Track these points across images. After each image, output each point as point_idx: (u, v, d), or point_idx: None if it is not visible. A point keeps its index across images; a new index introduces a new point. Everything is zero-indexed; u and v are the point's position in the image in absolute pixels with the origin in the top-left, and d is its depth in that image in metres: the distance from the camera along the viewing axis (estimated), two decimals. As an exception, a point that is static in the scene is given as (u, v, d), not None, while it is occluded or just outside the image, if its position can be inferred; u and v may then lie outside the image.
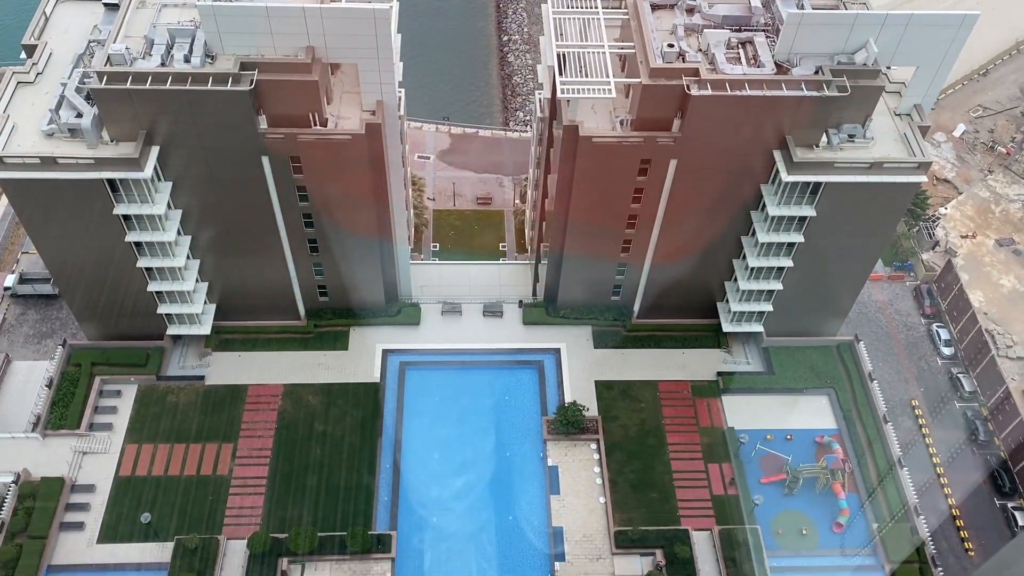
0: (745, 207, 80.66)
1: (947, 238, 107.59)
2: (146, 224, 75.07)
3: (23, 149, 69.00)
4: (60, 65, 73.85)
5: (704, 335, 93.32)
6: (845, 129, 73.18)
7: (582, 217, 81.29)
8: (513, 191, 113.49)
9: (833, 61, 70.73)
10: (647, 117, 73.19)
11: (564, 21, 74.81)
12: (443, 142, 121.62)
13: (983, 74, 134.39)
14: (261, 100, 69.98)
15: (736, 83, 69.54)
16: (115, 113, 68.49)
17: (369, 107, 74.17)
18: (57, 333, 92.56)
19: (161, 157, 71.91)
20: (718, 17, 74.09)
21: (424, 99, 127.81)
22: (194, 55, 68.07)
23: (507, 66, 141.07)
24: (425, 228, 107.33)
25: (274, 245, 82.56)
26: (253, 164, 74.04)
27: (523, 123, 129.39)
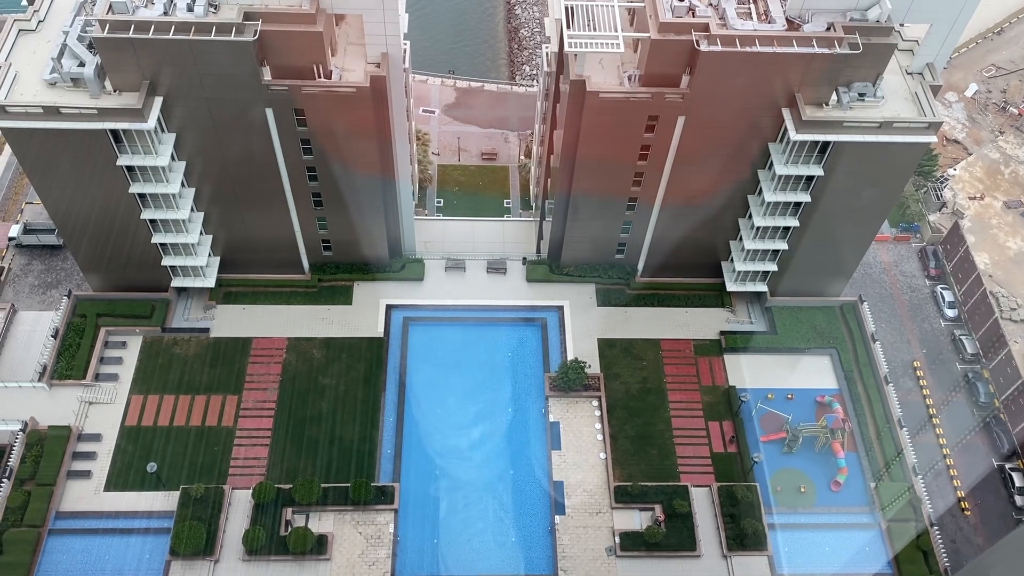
0: (752, 166, 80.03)
1: (955, 200, 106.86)
2: (150, 176, 74.78)
3: (25, 98, 68.47)
4: (62, 13, 72.95)
5: (708, 294, 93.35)
6: (856, 88, 72.22)
7: (588, 174, 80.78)
8: (518, 147, 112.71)
9: (845, 17, 69.57)
10: (655, 73, 72.27)
11: (573, -27, 73.40)
12: (448, 96, 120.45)
13: (998, 32, 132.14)
14: (265, 51, 69.17)
15: (746, 39, 68.52)
16: (118, 63, 67.80)
17: (374, 59, 73.32)
18: (62, 284, 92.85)
19: (164, 108, 71.35)
20: (730, -29, 72.66)
21: (430, 52, 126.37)
22: (197, 4, 67.11)
23: (514, 19, 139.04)
24: (429, 183, 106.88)
25: (278, 198, 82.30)
26: (257, 116, 73.47)
27: (529, 77, 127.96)
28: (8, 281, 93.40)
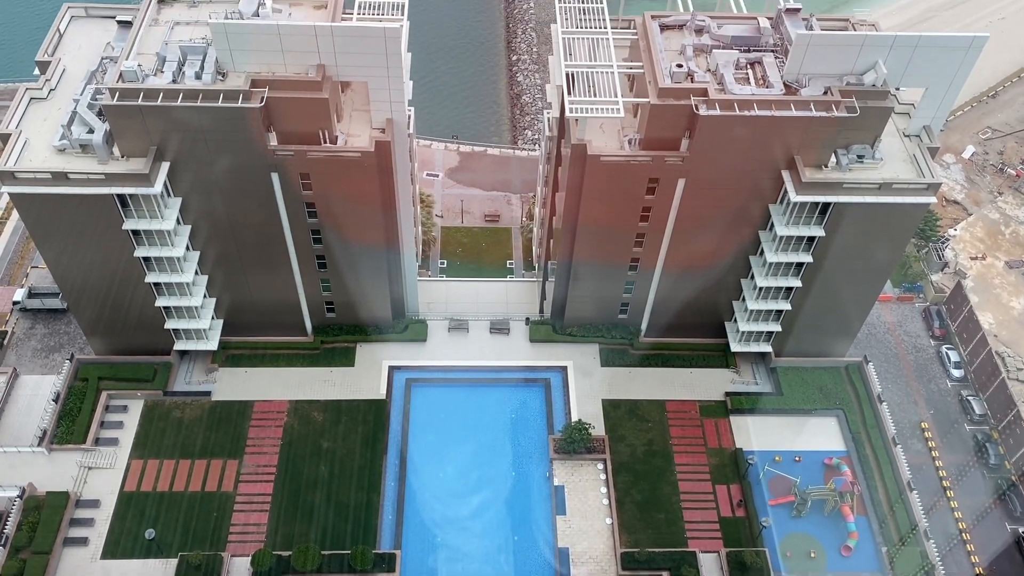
0: (754, 226, 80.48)
1: (957, 260, 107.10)
2: (155, 239, 75.34)
3: (35, 164, 69.44)
4: (73, 81, 74.40)
5: (712, 355, 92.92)
6: (854, 150, 73.09)
7: (590, 235, 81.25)
8: (521, 208, 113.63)
9: (842, 82, 70.77)
10: (655, 136, 73.27)
11: (573, 41, 75.12)
12: (452, 160, 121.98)
13: (992, 96, 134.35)
14: (271, 117, 70.35)
15: (745, 103, 69.61)
16: (126, 129, 68.94)
17: (379, 125, 74.49)
18: (65, 347, 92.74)
19: (171, 173, 72.25)
20: (727, 38, 74.31)
21: (434, 117, 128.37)
22: (205, 72, 68.52)
23: (516, 85, 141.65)
24: (433, 245, 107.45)
25: (282, 261, 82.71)
26: (263, 180, 74.33)
27: (531, 141, 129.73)
28: (11, 345, 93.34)
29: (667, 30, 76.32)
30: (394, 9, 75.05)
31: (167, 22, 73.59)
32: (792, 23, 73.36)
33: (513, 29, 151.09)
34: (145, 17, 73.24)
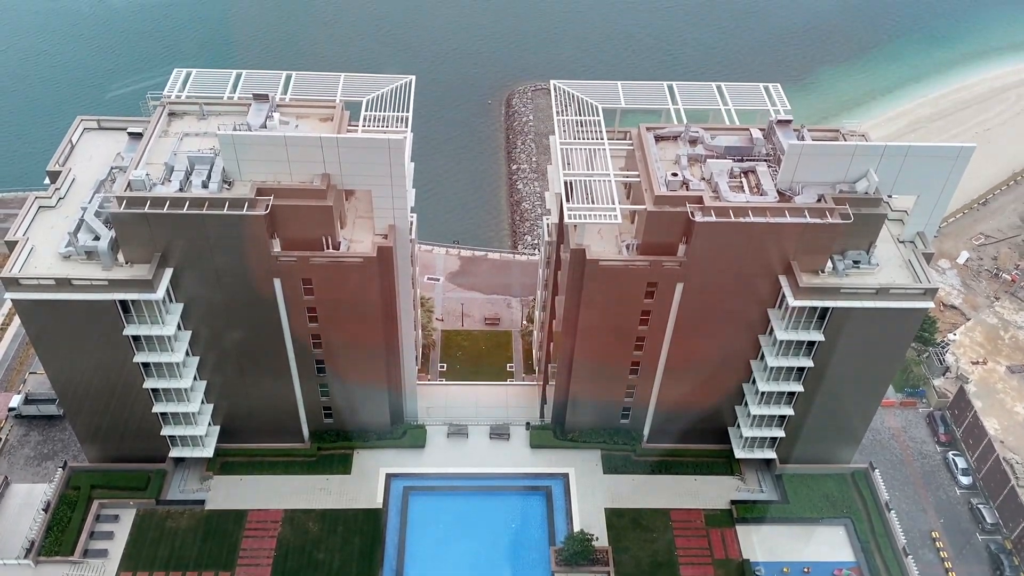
0: (753, 331, 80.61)
1: (958, 364, 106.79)
2: (155, 345, 75.31)
3: (39, 271, 70.14)
4: (82, 190, 75.97)
5: (716, 461, 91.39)
6: (850, 256, 74.02)
7: (590, 339, 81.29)
8: (521, 312, 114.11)
9: (835, 189, 72.34)
10: (653, 242, 74.34)
11: (571, 151, 77.20)
12: (453, 264, 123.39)
13: (983, 203, 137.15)
14: (275, 224, 71.53)
15: (740, 210, 70.92)
16: (132, 236, 69.99)
17: (381, 231, 75.68)
18: (59, 455, 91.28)
19: (174, 279, 72.88)
20: (720, 148, 76.40)
21: (436, 222, 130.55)
22: (212, 181, 70.11)
23: (516, 193, 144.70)
24: (433, 348, 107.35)
25: (282, 366, 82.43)
26: (265, 286, 74.92)
27: (531, 246, 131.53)
28: (4, 453, 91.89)
29: (662, 141, 78.56)
30: (398, 122, 77.45)
31: (177, 133, 75.82)
32: (784, 134, 75.59)
33: (513, 140, 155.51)
34: (155, 129, 75.49)
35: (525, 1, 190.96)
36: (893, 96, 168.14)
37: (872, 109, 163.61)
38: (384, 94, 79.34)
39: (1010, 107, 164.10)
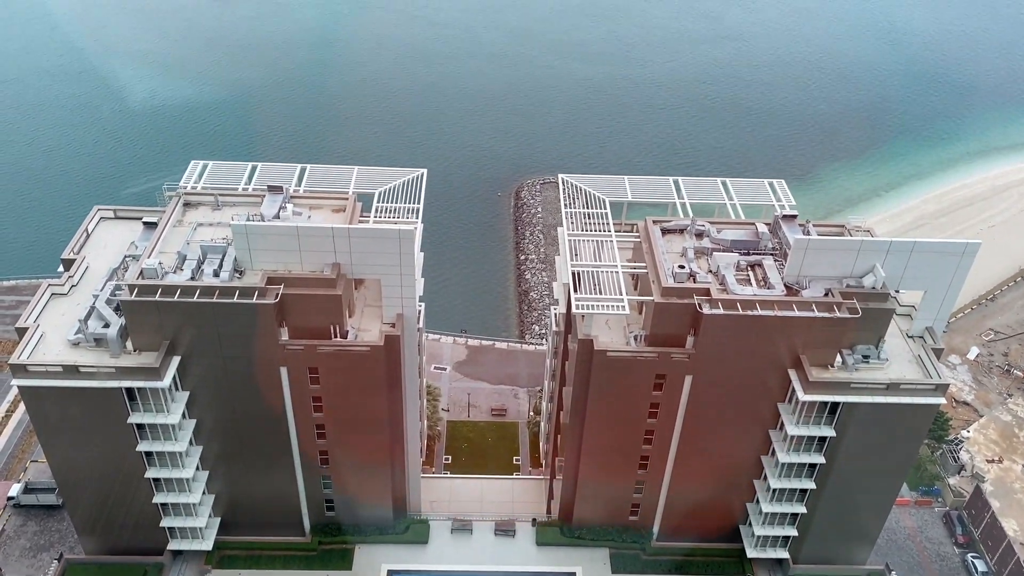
0: (764, 425, 79.57)
1: (973, 462, 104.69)
2: (159, 433, 74.67)
3: (48, 358, 70.27)
4: (95, 278, 76.78)
5: (728, 560, 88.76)
6: (859, 350, 73.67)
7: (598, 431, 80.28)
8: (528, 403, 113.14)
9: (842, 284, 72.60)
10: (661, 333, 74.24)
11: (579, 243, 78.09)
12: (460, 353, 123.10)
13: (991, 299, 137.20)
14: (284, 312, 71.88)
15: (747, 303, 71.07)
16: (141, 323, 70.33)
17: (389, 320, 75.89)
18: (55, 546, 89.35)
19: (181, 367, 72.83)
20: (727, 241, 77.16)
21: (443, 311, 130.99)
22: (224, 270, 70.88)
23: (524, 283, 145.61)
24: (438, 440, 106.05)
25: (285, 457, 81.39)
26: (271, 375, 74.74)
27: (539, 336, 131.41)
28: (0, 543, 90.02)
29: (668, 234, 79.48)
30: (409, 213, 78.75)
31: (191, 223, 77.12)
32: (789, 228, 76.42)
33: (521, 231, 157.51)
34: (170, 219, 76.85)
35: (535, 97, 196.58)
36: (897, 193, 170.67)
37: (876, 205, 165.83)
38: (396, 186, 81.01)
39: (1013, 204, 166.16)
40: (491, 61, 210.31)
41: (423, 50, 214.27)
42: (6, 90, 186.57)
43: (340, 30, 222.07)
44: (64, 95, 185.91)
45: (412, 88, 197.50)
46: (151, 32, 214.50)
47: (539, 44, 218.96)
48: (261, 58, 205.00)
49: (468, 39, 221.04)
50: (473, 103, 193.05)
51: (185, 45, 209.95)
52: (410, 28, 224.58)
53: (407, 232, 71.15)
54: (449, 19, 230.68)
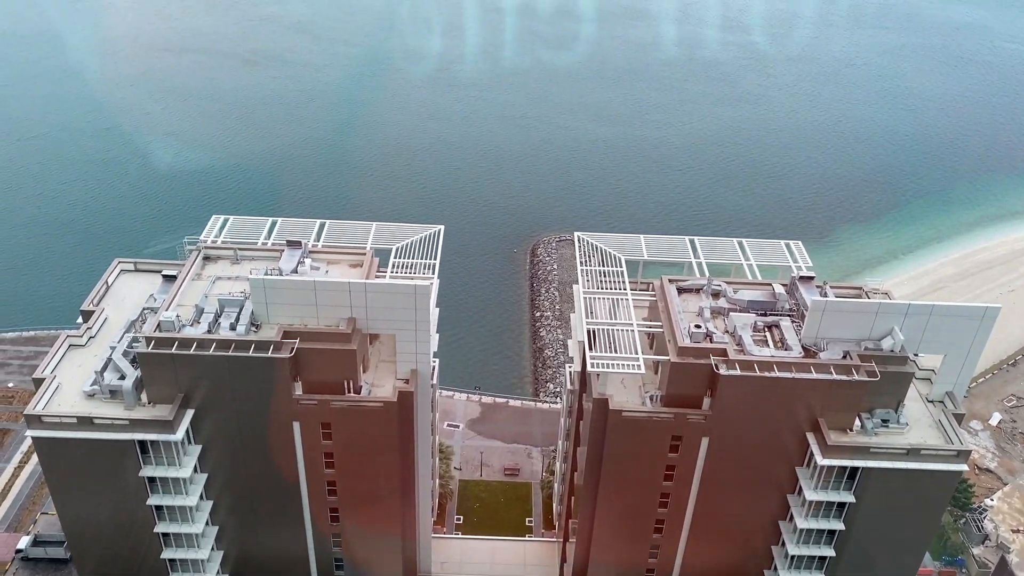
0: (782, 490, 78.03)
1: (997, 532, 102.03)
2: (170, 487, 74.18)
3: (63, 409, 70.39)
4: (113, 330, 77.28)
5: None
6: (878, 414, 72.58)
7: (613, 493, 78.98)
8: (542, 463, 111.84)
9: (860, 346, 71.92)
10: (677, 394, 73.51)
11: (594, 300, 78.03)
12: (473, 411, 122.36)
13: (1012, 364, 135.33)
14: (299, 367, 71.89)
15: (765, 364, 70.42)
16: (157, 376, 70.50)
17: (403, 375, 75.71)
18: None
19: (194, 420, 72.70)
20: (743, 302, 76.88)
21: (457, 368, 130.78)
22: (240, 323, 71.22)
23: (539, 339, 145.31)
24: (450, 499, 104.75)
25: (295, 513, 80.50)
26: (284, 429, 74.43)
27: (553, 395, 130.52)
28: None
29: (684, 293, 79.32)
30: (426, 269, 79.20)
31: (210, 277, 77.84)
32: (807, 290, 76.12)
33: (537, 288, 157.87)
34: (189, 272, 77.63)
35: (552, 156, 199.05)
36: (915, 256, 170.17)
37: (894, 268, 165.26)
38: (413, 242, 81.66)
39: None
40: (509, 121, 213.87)
41: (443, 110, 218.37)
42: (35, 145, 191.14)
43: (362, 91, 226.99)
44: (90, 151, 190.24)
45: (431, 146, 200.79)
46: (176, 91, 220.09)
47: (556, 106, 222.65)
48: (285, 117, 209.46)
49: (487, 100, 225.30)
50: (491, 161, 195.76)
51: (210, 104, 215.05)
52: (431, 89, 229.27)
53: (423, 288, 71.44)
54: (469, 80, 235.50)
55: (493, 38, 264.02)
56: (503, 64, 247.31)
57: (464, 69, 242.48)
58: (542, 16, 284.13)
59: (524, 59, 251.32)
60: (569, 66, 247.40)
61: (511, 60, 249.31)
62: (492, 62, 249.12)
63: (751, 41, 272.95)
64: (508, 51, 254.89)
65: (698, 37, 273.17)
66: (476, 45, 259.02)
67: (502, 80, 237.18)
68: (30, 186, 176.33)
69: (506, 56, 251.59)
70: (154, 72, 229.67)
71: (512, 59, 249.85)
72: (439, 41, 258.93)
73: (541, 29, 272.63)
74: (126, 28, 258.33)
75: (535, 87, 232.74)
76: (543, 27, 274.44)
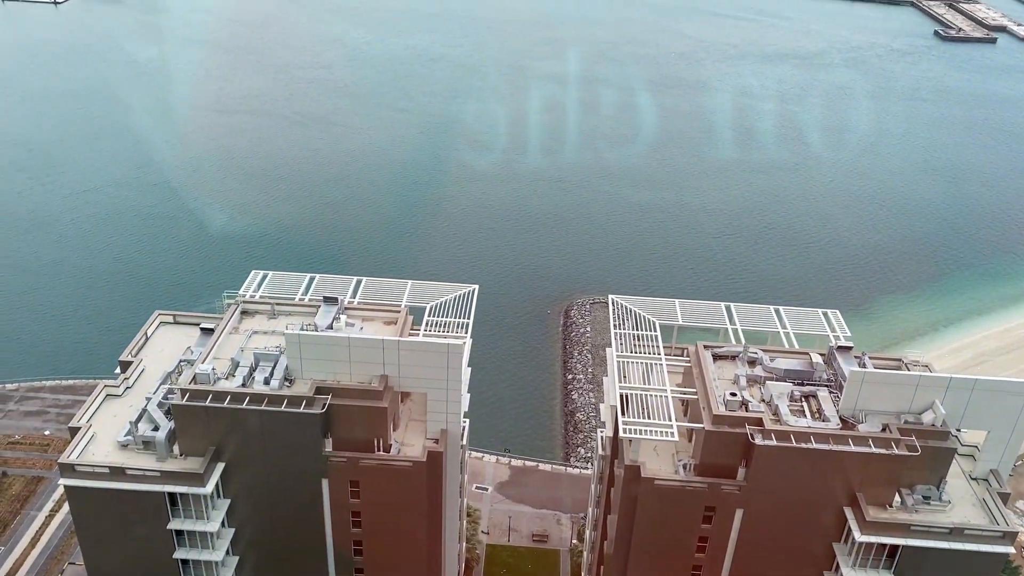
0: (818, 566, 75.44)
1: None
2: (197, 541, 73.97)
3: (96, 458, 70.96)
4: (149, 381, 78.14)
5: None
6: (919, 490, 70.39)
7: (643, 563, 77.04)
8: (571, 529, 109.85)
9: (900, 419, 70.26)
10: (711, 463, 72.13)
11: (628, 365, 77.43)
12: (502, 473, 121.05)
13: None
14: (330, 423, 71.97)
15: (801, 435, 69.00)
16: (190, 428, 70.98)
17: (433, 435, 75.38)
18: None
19: (224, 474, 72.81)
20: (780, 371, 75.77)
21: (488, 429, 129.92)
22: (274, 378, 71.75)
23: (570, 403, 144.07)
24: (476, 564, 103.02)
25: (320, 571, 79.59)
26: (312, 486, 74.18)
27: (584, 459, 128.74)
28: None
29: (720, 360, 78.43)
30: (459, 328, 79.44)
31: (246, 331, 78.80)
32: (845, 360, 74.89)
33: (570, 350, 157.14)
34: (227, 326, 78.68)
35: (587, 219, 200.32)
36: (957, 328, 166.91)
37: (935, 340, 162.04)
38: (447, 301, 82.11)
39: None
40: (544, 184, 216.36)
41: (480, 172, 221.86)
42: (87, 198, 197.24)
43: (401, 152, 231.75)
44: (139, 205, 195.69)
45: (468, 207, 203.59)
46: (224, 150, 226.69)
47: (592, 170, 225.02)
48: (327, 176, 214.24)
49: (522, 163, 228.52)
50: (526, 222, 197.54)
51: (256, 162, 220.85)
52: (469, 151, 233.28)
53: (456, 347, 71.58)
54: (505, 145, 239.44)
55: (531, 104, 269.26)
56: (541, 129, 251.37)
57: (501, 133, 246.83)
58: (579, 83, 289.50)
59: (561, 124, 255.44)
60: (606, 131, 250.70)
61: (549, 125, 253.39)
62: (530, 127, 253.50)
63: (790, 110, 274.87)
64: (546, 116, 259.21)
65: (737, 106, 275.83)
66: (514, 110, 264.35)
67: (539, 144, 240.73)
68: (79, 237, 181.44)
69: (544, 121, 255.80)
70: (204, 131, 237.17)
71: (550, 124, 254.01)
72: (478, 106, 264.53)
73: (579, 95, 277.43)
74: (181, 89, 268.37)
75: (571, 153, 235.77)
76: (581, 93, 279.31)
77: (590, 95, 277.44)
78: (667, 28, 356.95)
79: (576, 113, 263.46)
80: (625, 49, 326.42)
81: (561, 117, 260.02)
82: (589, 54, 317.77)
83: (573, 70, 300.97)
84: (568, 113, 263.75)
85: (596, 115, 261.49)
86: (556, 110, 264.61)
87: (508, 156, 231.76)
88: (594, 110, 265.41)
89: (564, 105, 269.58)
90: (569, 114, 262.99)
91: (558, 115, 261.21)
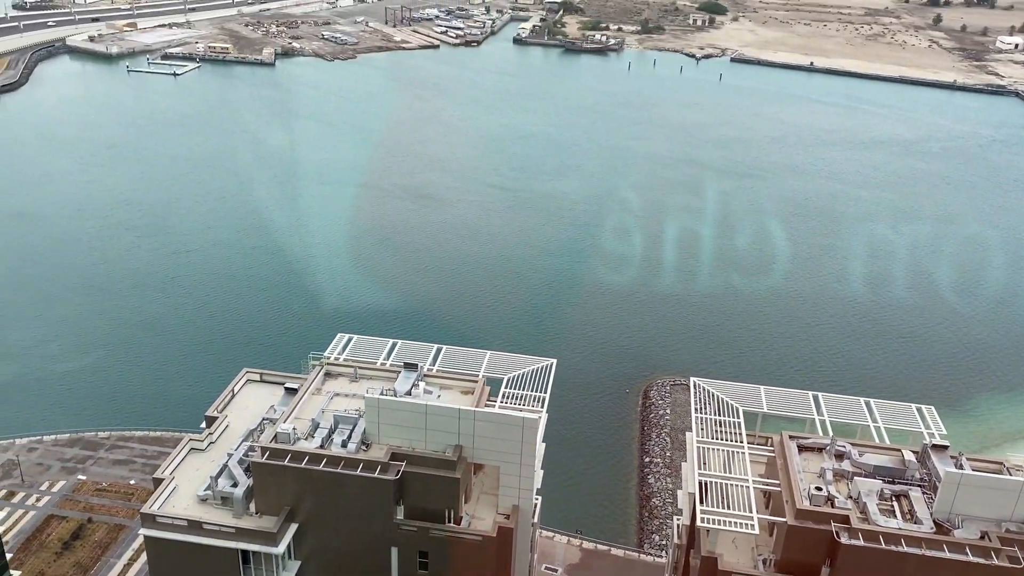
0: None
1: None
2: (264, 602, 74.32)
3: (176, 510, 72.55)
4: (232, 437, 79.98)
5: None
6: None
7: (716, 664, 73.31)
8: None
9: (1000, 527, 65.80)
10: (792, 559, 68.70)
11: (708, 451, 75.24)
12: (573, 555, 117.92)
13: None
14: (402, 491, 71.94)
15: (891, 537, 65.26)
16: (267, 487, 72.03)
17: (504, 510, 74.39)
18: None
19: (296, 535, 73.28)
20: (869, 467, 72.32)
21: (560, 508, 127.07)
22: (352, 441, 72.51)
23: (647, 487, 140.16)
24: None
25: (383, 643, 78.60)
26: (382, 553, 73.88)
27: (658, 547, 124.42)
28: None
29: (805, 451, 75.46)
30: (535, 402, 78.97)
31: (328, 392, 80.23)
32: (940, 460, 71.01)
33: (648, 432, 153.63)
34: (310, 387, 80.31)
35: (670, 299, 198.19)
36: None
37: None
38: (525, 373, 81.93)
39: None
40: (628, 261, 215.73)
41: (564, 246, 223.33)
42: (187, 258, 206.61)
43: (488, 224, 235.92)
44: (235, 266, 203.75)
45: (550, 280, 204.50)
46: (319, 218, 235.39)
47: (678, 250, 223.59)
48: (413, 245, 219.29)
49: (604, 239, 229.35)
50: (607, 299, 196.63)
51: (346, 229, 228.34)
52: (555, 226, 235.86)
53: (531, 420, 71.06)
54: (589, 219, 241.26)
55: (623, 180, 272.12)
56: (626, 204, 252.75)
57: (587, 210, 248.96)
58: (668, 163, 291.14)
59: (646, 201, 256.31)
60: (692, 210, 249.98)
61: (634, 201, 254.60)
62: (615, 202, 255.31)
63: (886, 197, 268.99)
64: (632, 193, 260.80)
65: (831, 191, 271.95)
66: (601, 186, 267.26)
67: (624, 220, 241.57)
68: (178, 295, 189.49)
69: (630, 198, 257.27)
70: (302, 199, 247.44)
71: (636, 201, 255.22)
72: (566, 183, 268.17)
73: (668, 175, 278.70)
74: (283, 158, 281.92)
75: (655, 229, 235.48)
76: (669, 173, 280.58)
77: (680, 175, 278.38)
78: (759, 112, 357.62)
79: (663, 192, 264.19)
80: (719, 131, 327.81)
81: (648, 195, 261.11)
82: (680, 136, 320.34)
83: (660, 150, 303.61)
84: (655, 191, 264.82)
85: (688, 194, 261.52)
86: (643, 188, 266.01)
87: (588, 231, 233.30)
88: (682, 189, 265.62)
89: (652, 184, 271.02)
90: (656, 192, 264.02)
91: (645, 193, 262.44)
